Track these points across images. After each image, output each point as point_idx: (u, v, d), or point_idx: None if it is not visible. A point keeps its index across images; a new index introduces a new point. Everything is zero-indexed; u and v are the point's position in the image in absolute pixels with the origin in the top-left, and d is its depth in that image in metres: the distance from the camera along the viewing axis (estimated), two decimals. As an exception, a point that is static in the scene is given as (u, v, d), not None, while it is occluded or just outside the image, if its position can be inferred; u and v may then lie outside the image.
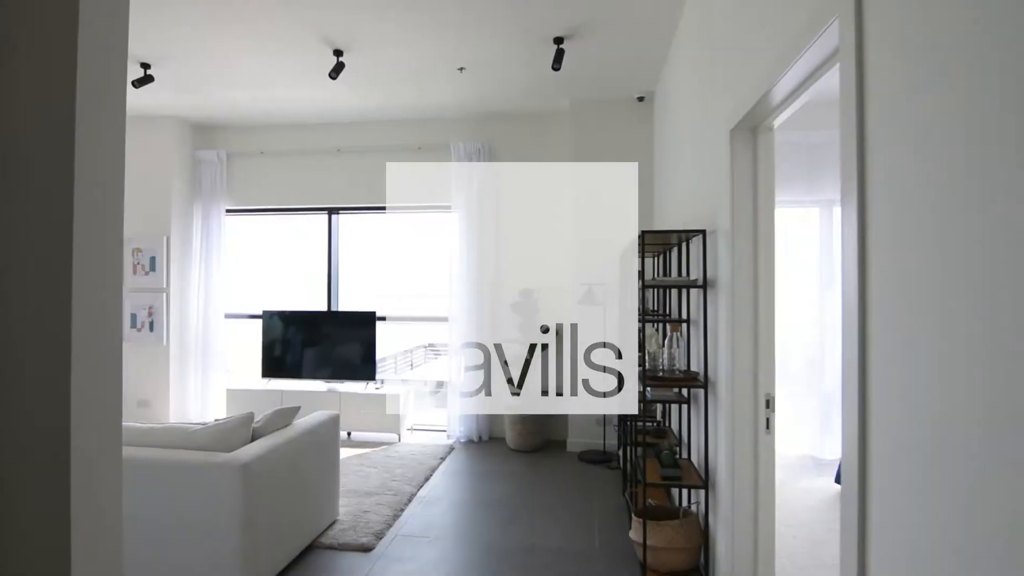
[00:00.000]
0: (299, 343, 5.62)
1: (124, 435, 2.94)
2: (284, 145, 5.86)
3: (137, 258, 5.68)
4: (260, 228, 6.33)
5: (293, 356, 5.64)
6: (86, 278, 0.95)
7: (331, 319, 5.60)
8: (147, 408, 5.67)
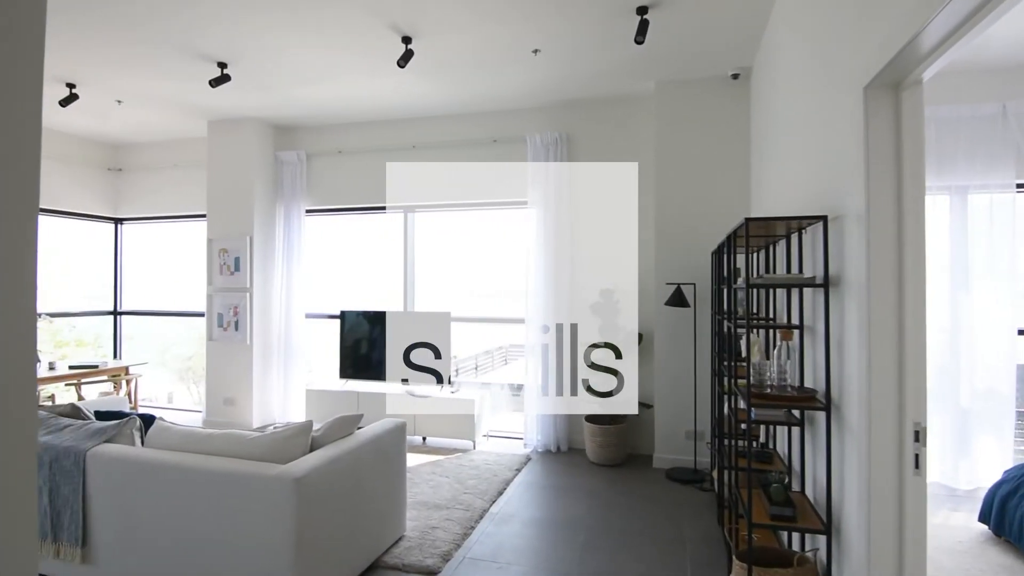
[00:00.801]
0: (376, 344, 5.50)
1: (179, 440, 2.84)
2: (360, 143, 5.77)
3: (223, 259, 5.77)
4: (338, 227, 6.29)
5: (369, 357, 5.52)
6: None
7: (407, 319, 5.43)
8: (232, 406, 5.76)
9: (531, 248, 5.12)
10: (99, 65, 4.38)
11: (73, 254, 6.84)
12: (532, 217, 5.12)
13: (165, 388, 7.89)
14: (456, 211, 5.68)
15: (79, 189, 6.44)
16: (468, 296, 6.06)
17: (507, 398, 6.98)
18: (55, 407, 3.29)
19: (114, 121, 5.85)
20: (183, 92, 4.97)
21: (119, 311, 7.00)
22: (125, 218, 6.92)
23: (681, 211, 4.57)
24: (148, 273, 7.11)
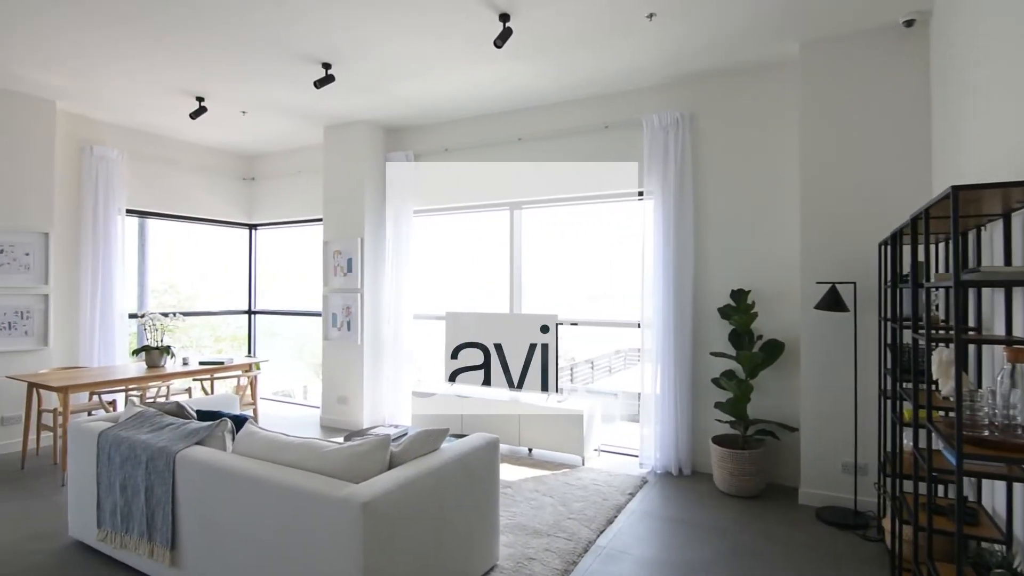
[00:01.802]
0: (481, 347, 5.18)
1: (262, 446, 2.64)
2: (465, 139, 5.51)
3: (337, 260, 5.79)
4: (445, 228, 6.08)
5: (474, 361, 5.22)
6: None
7: (512, 322, 5.06)
8: (345, 405, 5.75)
9: (648, 244, 4.52)
10: (221, 76, 4.49)
11: (218, 257, 7.31)
12: (649, 209, 4.52)
13: (301, 383, 8.25)
14: (565, 206, 5.21)
15: (219, 198, 6.85)
16: (579, 297, 5.57)
17: (622, 409, 6.37)
18: (163, 405, 3.31)
19: (245, 133, 6.12)
20: (297, 98, 4.99)
21: (253, 310, 7.38)
22: (258, 223, 7.28)
23: (834, 195, 3.73)
24: (279, 274, 7.43)
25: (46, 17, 3.62)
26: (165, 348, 4.92)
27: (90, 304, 5.49)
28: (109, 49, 4.04)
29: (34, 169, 4.99)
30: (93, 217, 5.53)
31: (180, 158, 6.42)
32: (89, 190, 5.52)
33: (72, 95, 5.01)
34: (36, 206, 5.00)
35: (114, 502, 2.94)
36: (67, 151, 5.43)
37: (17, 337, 4.91)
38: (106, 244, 5.61)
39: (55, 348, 5.23)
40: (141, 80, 4.62)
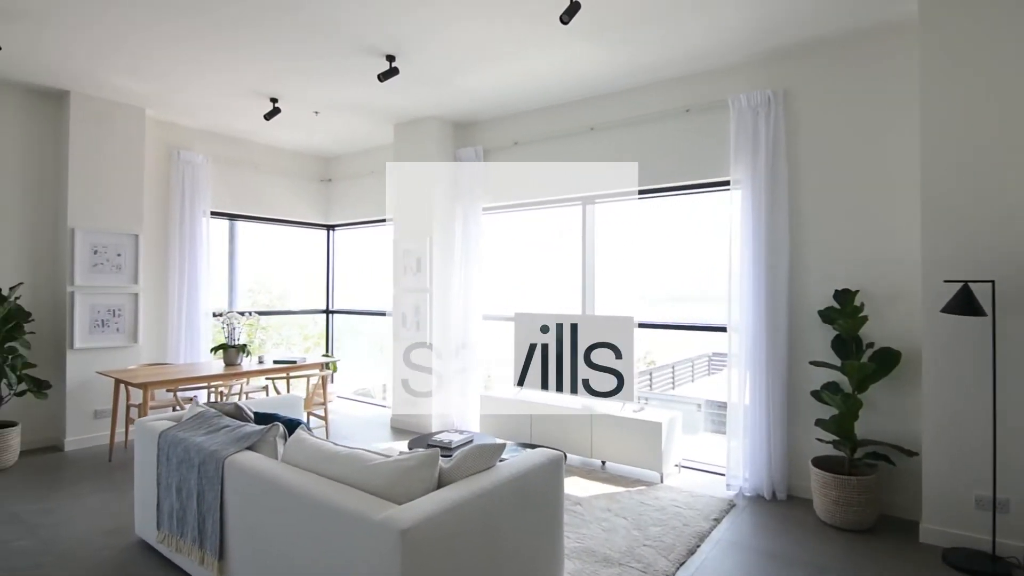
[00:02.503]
0: (551, 350, 4.87)
1: (308, 455, 2.45)
2: (535, 131, 5.21)
3: (406, 259, 5.67)
4: (515, 225, 5.81)
5: (544, 365, 4.91)
6: None
7: (585, 324, 4.70)
8: (415, 406, 5.61)
9: (735, 239, 4.03)
10: (290, 73, 4.46)
11: (300, 257, 7.45)
12: (736, 200, 4.02)
13: (380, 382, 8.29)
14: (642, 199, 4.79)
15: (297, 199, 6.97)
16: (658, 298, 5.12)
17: (707, 419, 5.85)
18: (223, 406, 3.25)
19: (320, 134, 6.15)
20: (365, 95, 4.90)
21: (331, 310, 7.46)
22: (335, 224, 7.35)
23: (965, 177, 3.11)
24: (356, 274, 7.47)
25: (130, 26, 3.69)
26: (241, 347, 4.98)
27: (177, 303, 5.69)
28: (186, 53, 4.09)
29: (126, 174, 5.21)
30: (180, 219, 5.73)
31: (261, 161, 6.57)
32: (176, 193, 5.73)
33: (159, 102, 5.18)
34: (127, 209, 5.22)
35: (171, 504, 2.88)
36: (156, 156, 5.65)
37: (110, 334, 5.13)
38: (192, 245, 5.79)
39: (144, 345, 5.44)
40: (217, 82, 4.69)
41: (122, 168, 5.19)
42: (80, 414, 4.95)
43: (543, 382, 4.91)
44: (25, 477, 4.20)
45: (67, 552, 3.06)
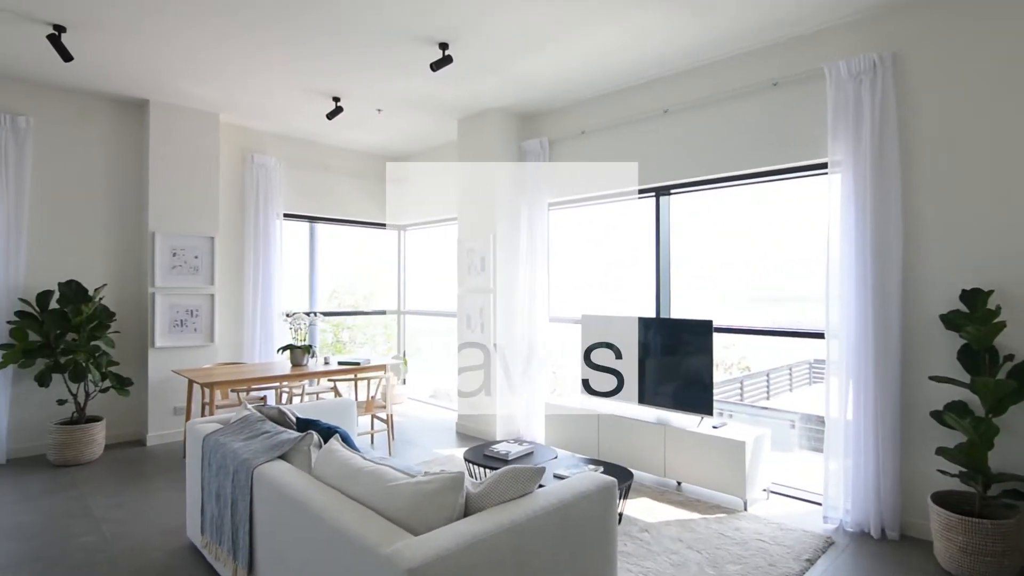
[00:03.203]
0: (622, 356, 4.47)
1: (335, 469, 2.22)
2: (604, 118, 4.83)
3: (470, 259, 5.47)
4: (583, 221, 5.45)
5: (614, 372, 4.52)
6: None
7: (658, 328, 4.27)
8: (479, 411, 5.39)
9: (834, 230, 3.46)
10: (348, 68, 4.38)
11: (372, 259, 7.50)
12: (835, 185, 3.45)
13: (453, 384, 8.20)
14: (722, 188, 4.28)
15: (368, 200, 6.99)
16: (742, 298, 4.58)
17: (803, 435, 5.20)
18: (267, 410, 3.16)
19: (387, 132, 6.11)
20: (424, 89, 4.75)
21: (402, 311, 7.44)
22: (406, 224, 7.31)
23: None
24: (427, 275, 7.40)
25: (197, 33, 3.75)
26: (307, 347, 4.98)
27: (251, 303, 5.83)
28: (249, 57, 4.11)
29: (202, 178, 5.38)
30: (254, 221, 5.87)
31: (332, 163, 6.63)
32: (250, 196, 5.87)
33: (231, 107, 5.31)
34: (204, 212, 5.39)
35: (212, 510, 2.81)
36: (231, 160, 5.82)
37: (188, 333, 5.32)
38: (265, 247, 5.92)
39: (220, 344, 5.61)
40: (280, 83, 4.71)
41: (198, 172, 5.36)
42: (161, 410, 5.16)
43: (611, 390, 4.52)
44: (106, 471, 4.39)
45: (122, 551, 3.09)
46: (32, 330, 4.50)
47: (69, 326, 4.54)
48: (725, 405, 5.10)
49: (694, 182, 4.33)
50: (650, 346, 4.30)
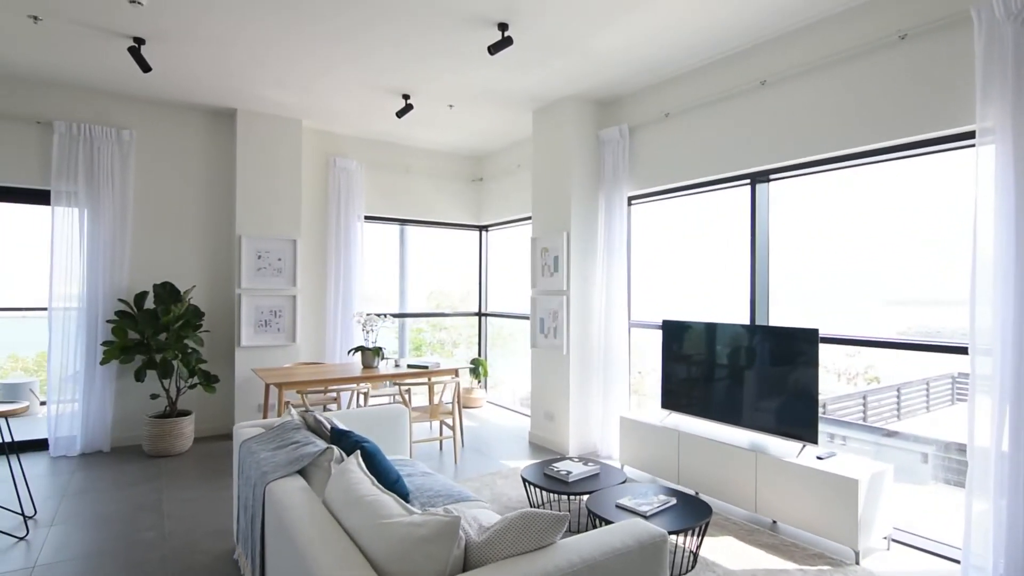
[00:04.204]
0: (708, 368, 3.86)
1: (340, 494, 1.83)
2: (689, 97, 4.22)
3: (544, 258, 5.07)
4: (667, 215, 4.84)
5: (700, 386, 3.92)
6: None
7: (752, 336, 3.61)
8: (552, 422, 4.98)
9: (984, 215, 2.66)
10: (413, 64, 4.17)
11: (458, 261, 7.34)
12: (986, 159, 2.65)
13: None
14: (834, 170, 3.53)
15: (450, 201, 6.81)
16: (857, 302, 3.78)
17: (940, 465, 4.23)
18: (308, 415, 2.97)
19: (463, 131, 5.88)
20: (493, 79, 4.43)
21: (484, 312, 7.19)
22: (487, 225, 7.06)
23: None
24: (507, 275, 7.10)
25: (275, 40, 3.74)
26: (376, 349, 4.85)
27: (332, 304, 5.84)
28: (320, 60, 4.03)
29: (285, 183, 5.45)
30: (336, 224, 5.88)
31: (412, 164, 6.53)
32: (333, 199, 5.89)
33: (312, 112, 5.33)
34: (287, 216, 5.45)
35: (243, 520, 2.66)
36: (314, 164, 5.87)
37: (271, 333, 5.40)
38: (347, 249, 5.92)
39: (302, 344, 5.66)
40: (352, 82, 4.60)
41: (282, 177, 5.44)
42: (246, 406, 5.27)
43: (695, 406, 3.91)
44: (189, 464, 4.50)
45: (174, 549, 3.04)
46: (130, 328, 4.74)
47: (159, 325, 4.73)
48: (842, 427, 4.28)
49: (797, 165, 3.62)
50: (742, 357, 3.65)
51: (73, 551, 3.05)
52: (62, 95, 4.76)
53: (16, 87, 4.60)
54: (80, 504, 3.70)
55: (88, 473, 4.31)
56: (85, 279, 4.78)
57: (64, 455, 4.73)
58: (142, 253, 5.08)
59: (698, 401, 3.91)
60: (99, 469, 4.40)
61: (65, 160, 4.74)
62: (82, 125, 4.77)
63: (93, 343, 4.77)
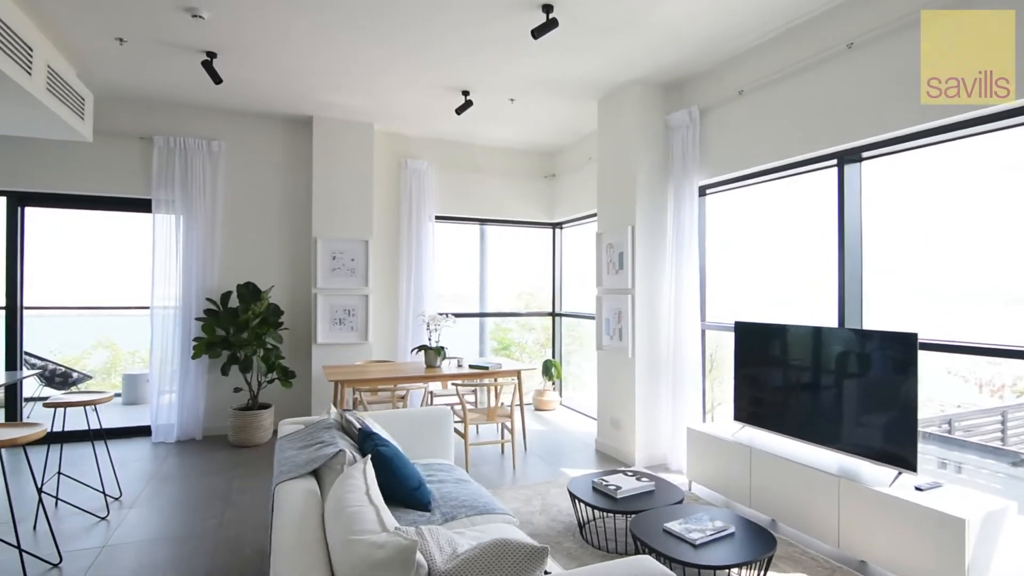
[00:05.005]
0: (787, 376, 3.37)
1: (333, 503, 1.79)
2: (767, 70, 3.72)
3: (609, 255, 4.74)
4: (740, 204, 4.32)
5: (777, 397, 3.43)
6: None
7: (840, 341, 3.08)
8: (618, 430, 4.64)
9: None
10: (464, 58, 4.05)
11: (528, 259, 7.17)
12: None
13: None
14: (938, 143, 2.92)
15: (522, 198, 6.65)
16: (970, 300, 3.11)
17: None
18: (350, 414, 2.92)
19: (530, 125, 5.70)
20: (549, 67, 4.20)
21: (557, 312, 6.95)
22: (561, 222, 6.81)
23: None
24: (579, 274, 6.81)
25: (341, 48, 3.83)
26: (438, 349, 4.79)
27: (404, 303, 5.89)
28: (378, 56, 4.05)
29: (358, 185, 5.57)
30: (407, 225, 5.93)
31: (483, 162, 6.44)
32: (404, 200, 5.94)
33: (382, 115, 5.40)
34: (359, 217, 5.57)
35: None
36: (387, 166, 5.95)
37: (345, 332, 5.54)
38: (418, 249, 5.95)
39: (375, 343, 5.75)
40: (413, 80, 4.58)
41: (355, 180, 5.56)
42: (322, 401, 5.44)
43: (770, 419, 3.43)
44: (265, 455, 4.70)
45: (225, 540, 3.13)
46: (216, 326, 5.04)
47: (239, 323, 4.99)
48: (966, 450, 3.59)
49: (896, 139, 3.04)
50: (827, 365, 3.13)
51: (142, 534, 3.23)
52: (159, 112, 5.17)
53: (121, 107, 5.06)
54: (162, 488, 3.96)
55: (178, 459, 4.62)
56: (180, 280, 5.16)
57: (163, 441, 5.13)
58: (230, 255, 5.41)
59: (774, 414, 3.42)
60: (188, 456, 4.71)
61: (163, 171, 5.14)
62: (177, 138, 5.16)
63: (187, 339, 5.13)
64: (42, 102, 3.58)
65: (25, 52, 3.31)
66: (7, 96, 3.38)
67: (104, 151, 5.02)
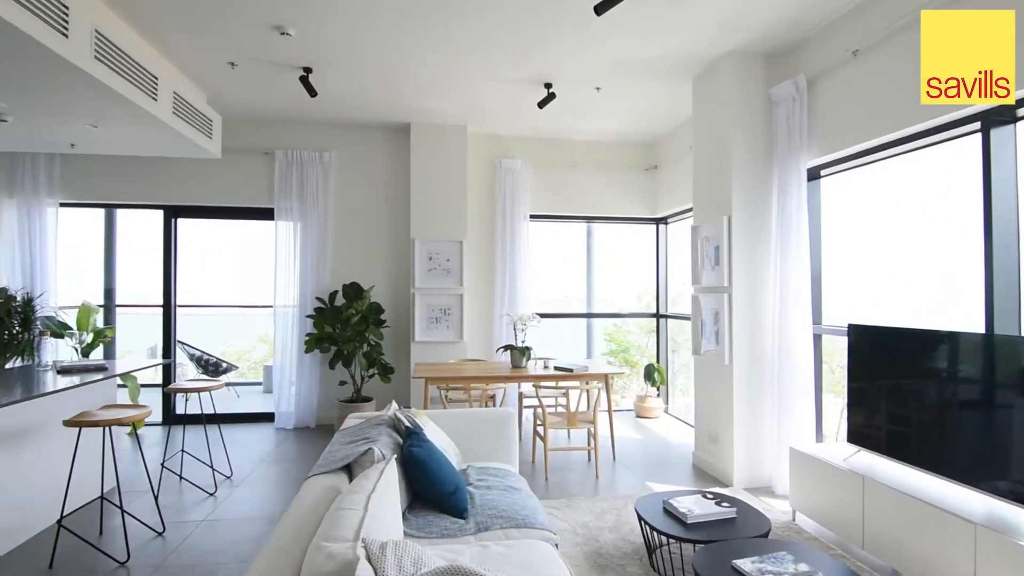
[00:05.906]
0: (915, 394, 2.72)
1: (339, 502, 1.74)
2: (883, 21, 3.05)
3: (705, 249, 4.26)
4: (858, 186, 3.60)
5: (901, 418, 2.79)
6: None
7: (985, 351, 2.41)
8: (715, 444, 4.14)
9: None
10: (537, 47, 3.88)
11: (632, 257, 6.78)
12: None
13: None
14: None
15: (621, 193, 6.29)
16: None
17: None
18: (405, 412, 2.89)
19: (623, 115, 5.35)
20: (633, 47, 3.87)
21: (660, 314, 6.46)
22: (665, 216, 6.32)
23: None
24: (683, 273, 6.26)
25: (429, 54, 3.93)
26: (523, 349, 4.65)
27: (499, 303, 5.84)
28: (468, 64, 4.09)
29: (453, 187, 5.63)
30: (502, 224, 5.88)
31: (579, 159, 6.18)
32: (499, 200, 5.90)
33: (474, 117, 5.42)
34: (454, 219, 5.63)
35: (324, 511, 2.68)
36: (481, 167, 5.94)
37: (441, 330, 5.62)
38: (512, 249, 5.87)
39: (470, 341, 5.77)
40: (494, 74, 4.50)
41: (450, 182, 5.63)
42: (420, 395, 5.56)
43: (893, 446, 2.80)
44: (360, 446, 4.89)
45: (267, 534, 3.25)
46: (324, 323, 5.38)
47: (341, 320, 5.26)
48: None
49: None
50: (967, 382, 2.48)
51: (240, 512, 3.49)
52: (277, 128, 5.65)
53: (246, 126, 5.60)
54: (269, 471, 4.27)
55: (291, 445, 4.99)
56: (298, 281, 5.59)
57: (283, 427, 5.59)
58: (339, 257, 5.75)
59: (897, 439, 2.79)
60: (300, 443, 5.07)
61: (283, 181, 5.61)
62: (294, 151, 5.60)
63: (303, 335, 5.54)
64: (169, 124, 4.05)
65: (150, 80, 3.75)
66: (137, 120, 3.86)
67: (235, 166, 5.59)
